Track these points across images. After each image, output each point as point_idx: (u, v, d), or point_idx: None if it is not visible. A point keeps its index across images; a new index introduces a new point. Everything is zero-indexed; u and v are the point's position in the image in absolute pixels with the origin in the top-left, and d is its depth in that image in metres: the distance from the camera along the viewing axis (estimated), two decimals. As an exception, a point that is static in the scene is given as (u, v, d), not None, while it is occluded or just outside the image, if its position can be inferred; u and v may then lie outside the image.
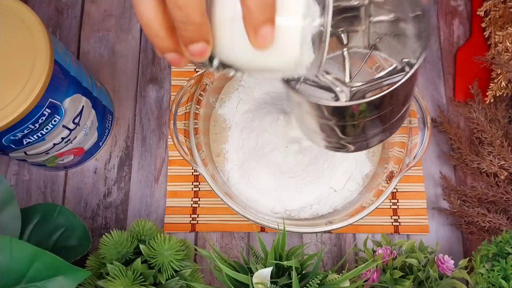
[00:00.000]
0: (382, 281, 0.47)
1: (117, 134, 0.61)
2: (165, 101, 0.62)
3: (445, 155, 0.60)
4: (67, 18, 0.65)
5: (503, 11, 0.61)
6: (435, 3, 0.66)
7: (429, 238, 0.57)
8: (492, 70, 0.60)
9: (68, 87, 0.47)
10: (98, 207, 0.58)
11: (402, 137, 0.52)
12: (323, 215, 0.54)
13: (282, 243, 0.40)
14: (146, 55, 0.64)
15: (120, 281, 0.41)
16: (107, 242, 0.45)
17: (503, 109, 0.58)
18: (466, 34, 0.65)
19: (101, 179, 0.59)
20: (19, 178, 0.59)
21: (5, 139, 0.44)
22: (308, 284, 0.38)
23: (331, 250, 0.57)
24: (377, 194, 0.50)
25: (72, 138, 0.52)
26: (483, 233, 0.54)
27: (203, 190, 0.59)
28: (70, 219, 0.50)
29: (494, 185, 0.55)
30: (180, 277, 0.45)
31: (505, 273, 0.44)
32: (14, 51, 0.42)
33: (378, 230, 0.57)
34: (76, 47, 0.64)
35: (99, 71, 0.63)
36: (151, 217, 0.58)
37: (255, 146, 0.55)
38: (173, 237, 0.44)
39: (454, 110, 0.62)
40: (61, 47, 0.46)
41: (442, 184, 0.59)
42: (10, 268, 0.37)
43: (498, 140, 0.56)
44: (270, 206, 0.54)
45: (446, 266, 0.47)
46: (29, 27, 0.43)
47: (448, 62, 0.64)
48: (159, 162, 0.60)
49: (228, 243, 0.57)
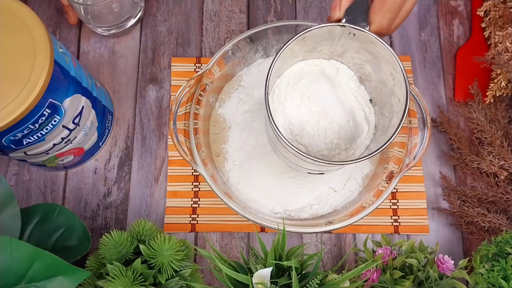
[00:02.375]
0: (382, 281, 0.47)
1: (117, 134, 0.61)
2: (165, 101, 0.62)
3: (445, 155, 0.60)
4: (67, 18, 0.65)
5: (503, 11, 0.61)
6: (435, 3, 0.66)
7: (429, 238, 0.57)
8: (492, 70, 0.60)
9: (68, 87, 0.47)
10: (98, 207, 0.58)
11: (402, 137, 0.52)
12: (323, 215, 0.54)
13: (282, 243, 0.40)
14: (146, 55, 0.64)
15: (120, 281, 0.41)
16: (107, 242, 0.45)
17: (503, 109, 0.58)
18: (466, 34, 0.65)
19: (101, 179, 0.59)
20: (19, 178, 0.59)
21: (5, 139, 0.44)
22: (308, 284, 0.38)
23: (331, 250, 0.57)
24: (377, 194, 0.50)
25: (72, 138, 0.52)
26: (483, 233, 0.54)
27: (203, 190, 0.59)
28: (70, 219, 0.50)
29: (494, 185, 0.55)
30: (180, 277, 0.45)
31: (505, 273, 0.44)
32: (14, 51, 0.42)
33: (378, 230, 0.57)
34: (76, 47, 0.64)
35: (99, 71, 0.63)
36: (151, 217, 0.58)
37: (255, 146, 0.55)
38: (173, 237, 0.44)
39: (454, 110, 0.62)
40: (61, 47, 0.46)
41: (442, 184, 0.59)
42: (10, 268, 0.37)
43: (498, 140, 0.56)
44: (270, 206, 0.54)
45: (446, 266, 0.47)
46: (29, 27, 0.43)
47: (448, 62, 0.64)
48: (159, 162, 0.60)
49: (228, 243, 0.57)
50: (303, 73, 0.48)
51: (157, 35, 0.65)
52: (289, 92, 0.48)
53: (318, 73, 0.49)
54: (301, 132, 0.48)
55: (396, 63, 0.41)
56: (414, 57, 0.64)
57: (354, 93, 0.49)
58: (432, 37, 0.65)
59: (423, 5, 0.66)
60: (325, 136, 0.48)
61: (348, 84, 0.49)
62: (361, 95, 0.49)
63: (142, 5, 0.63)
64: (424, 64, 0.64)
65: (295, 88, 0.48)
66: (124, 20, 0.62)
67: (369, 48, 0.44)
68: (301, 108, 0.48)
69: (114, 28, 0.62)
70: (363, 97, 0.49)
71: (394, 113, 0.43)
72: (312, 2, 0.66)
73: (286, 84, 0.47)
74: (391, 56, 0.42)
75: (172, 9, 0.66)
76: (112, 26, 0.62)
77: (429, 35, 0.65)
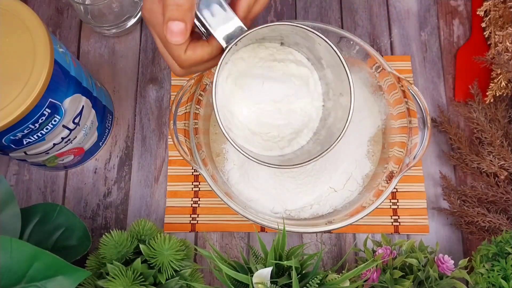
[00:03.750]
0: (382, 281, 0.47)
1: (117, 134, 0.61)
2: (165, 101, 0.62)
3: (445, 155, 0.60)
4: (67, 18, 0.65)
5: (503, 11, 0.61)
6: (435, 3, 0.66)
7: (429, 238, 0.57)
8: (492, 70, 0.60)
9: (68, 87, 0.47)
10: (98, 207, 0.58)
11: (402, 137, 0.52)
12: (323, 215, 0.54)
13: (282, 243, 0.40)
14: (146, 55, 0.64)
15: (120, 281, 0.41)
16: (107, 242, 0.45)
17: (503, 109, 0.58)
18: (466, 34, 0.65)
19: (101, 179, 0.59)
20: (19, 178, 0.59)
21: (5, 139, 0.44)
22: (308, 284, 0.38)
23: (331, 250, 0.57)
24: (377, 194, 0.50)
25: (72, 138, 0.52)
26: (483, 233, 0.54)
27: (203, 190, 0.59)
28: (70, 219, 0.50)
29: (494, 185, 0.55)
30: (180, 277, 0.45)
31: (505, 273, 0.44)
32: (14, 51, 0.42)
33: (378, 230, 0.57)
34: (76, 47, 0.64)
35: (99, 71, 0.63)
36: (151, 217, 0.58)
37: (255, 146, 0.55)
38: (173, 237, 0.44)
39: (454, 110, 0.62)
40: (61, 47, 0.46)
41: (442, 184, 0.59)
42: (10, 268, 0.37)
43: (498, 140, 0.56)
44: (270, 206, 0.54)
45: (446, 266, 0.47)
46: (29, 27, 0.43)
47: (448, 62, 0.64)
48: (159, 162, 0.60)
49: (228, 243, 0.57)
50: (261, 54, 0.44)
51: (157, 35, 0.65)
52: (242, 71, 0.44)
53: (274, 58, 0.45)
54: (244, 112, 0.45)
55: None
56: (414, 57, 0.64)
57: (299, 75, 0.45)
58: (432, 37, 0.65)
59: (423, 5, 0.66)
60: (266, 122, 0.45)
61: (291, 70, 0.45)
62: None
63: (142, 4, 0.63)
64: (424, 64, 0.64)
65: (250, 68, 0.44)
66: (124, 20, 0.62)
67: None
68: (250, 91, 0.45)
69: (114, 28, 0.62)
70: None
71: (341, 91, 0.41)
72: (312, 2, 0.66)
73: (240, 61, 0.44)
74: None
75: (172, 9, 0.66)
76: (112, 26, 0.62)
77: (429, 35, 0.65)
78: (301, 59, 0.44)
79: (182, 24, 0.34)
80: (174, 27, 0.34)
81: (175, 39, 0.34)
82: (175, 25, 0.34)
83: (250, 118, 0.45)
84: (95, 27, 0.62)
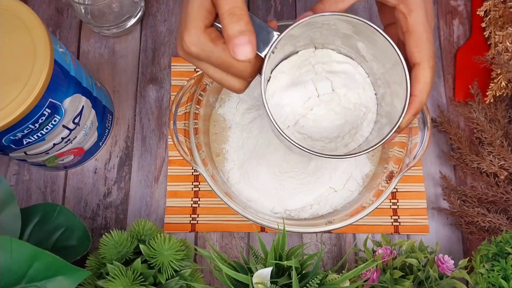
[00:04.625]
0: (382, 281, 0.47)
1: (117, 134, 0.61)
2: (165, 101, 0.62)
3: (445, 155, 0.60)
4: (67, 18, 0.65)
5: (503, 11, 0.61)
6: (435, 3, 0.66)
7: (429, 238, 0.57)
8: (492, 70, 0.60)
9: (68, 87, 0.47)
10: (98, 207, 0.58)
11: (402, 137, 0.52)
12: (323, 215, 0.54)
13: (282, 243, 0.40)
14: (146, 55, 0.64)
15: (120, 281, 0.41)
16: (107, 242, 0.45)
17: (503, 109, 0.58)
18: (466, 34, 0.65)
19: (101, 179, 0.59)
20: (19, 178, 0.59)
21: (5, 139, 0.44)
22: (308, 284, 0.38)
23: (331, 250, 0.57)
24: (377, 194, 0.50)
25: (72, 138, 0.52)
26: (483, 233, 0.54)
27: (203, 190, 0.59)
28: (70, 219, 0.50)
29: (494, 185, 0.55)
30: (180, 277, 0.45)
31: (505, 273, 0.44)
32: (14, 51, 0.42)
33: (378, 230, 0.57)
34: (76, 47, 0.64)
35: (99, 71, 0.63)
36: (151, 217, 0.58)
37: (255, 146, 0.55)
38: (173, 237, 0.44)
39: (454, 110, 0.62)
40: (61, 47, 0.46)
41: (442, 184, 0.59)
42: (10, 268, 0.37)
43: (498, 140, 0.56)
44: (270, 206, 0.54)
45: (446, 266, 0.47)
46: (29, 27, 0.43)
47: (448, 62, 0.64)
48: (159, 162, 0.60)
49: (228, 243, 0.57)
50: (300, 63, 0.46)
51: (157, 35, 0.65)
52: (286, 83, 0.46)
53: (313, 63, 0.47)
54: (301, 122, 0.46)
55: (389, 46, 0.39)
56: (414, 57, 0.64)
57: (354, 81, 0.46)
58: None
59: (423, 5, 0.66)
60: (325, 126, 0.45)
61: (346, 71, 0.46)
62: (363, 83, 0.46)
63: (142, 5, 0.63)
64: (424, 64, 0.63)
65: (294, 79, 0.46)
66: (124, 20, 0.62)
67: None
68: (299, 98, 0.46)
69: (114, 28, 0.62)
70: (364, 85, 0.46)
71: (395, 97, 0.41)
72: (312, 2, 0.66)
73: (282, 75, 0.45)
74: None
75: (172, 9, 0.66)
76: (112, 26, 0.62)
77: (429, 35, 0.65)
78: (339, 57, 0.45)
79: (247, 37, 0.33)
80: (241, 41, 0.33)
81: (244, 52, 0.33)
82: (242, 39, 0.33)
83: (308, 126, 0.45)
84: (95, 27, 0.62)
